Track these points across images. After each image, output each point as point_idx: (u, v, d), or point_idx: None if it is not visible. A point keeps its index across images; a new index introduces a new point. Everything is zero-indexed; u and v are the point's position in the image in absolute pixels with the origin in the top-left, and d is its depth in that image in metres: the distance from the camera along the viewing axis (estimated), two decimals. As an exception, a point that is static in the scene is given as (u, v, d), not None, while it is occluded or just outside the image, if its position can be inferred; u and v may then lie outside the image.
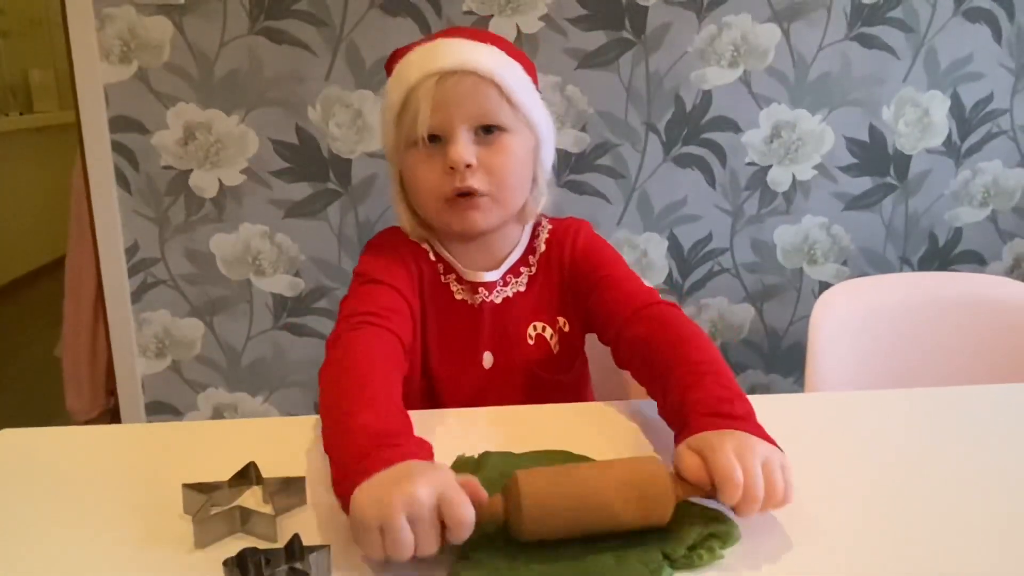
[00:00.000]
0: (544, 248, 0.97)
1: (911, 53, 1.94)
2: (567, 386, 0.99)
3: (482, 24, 1.83)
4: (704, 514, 0.61)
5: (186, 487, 0.65)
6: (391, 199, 0.96)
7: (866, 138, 1.99)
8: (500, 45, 0.90)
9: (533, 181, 0.94)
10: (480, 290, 0.93)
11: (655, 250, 2.02)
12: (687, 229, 2.01)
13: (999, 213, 2.08)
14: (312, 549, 0.57)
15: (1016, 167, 2.05)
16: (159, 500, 0.67)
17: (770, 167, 1.99)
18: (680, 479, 0.61)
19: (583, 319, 0.97)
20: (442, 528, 0.56)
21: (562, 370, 0.97)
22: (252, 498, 0.68)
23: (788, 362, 2.13)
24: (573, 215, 1.01)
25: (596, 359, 1.03)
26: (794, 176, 2.00)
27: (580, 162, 1.95)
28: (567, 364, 0.98)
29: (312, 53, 1.84)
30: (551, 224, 0.99)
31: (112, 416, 2.13)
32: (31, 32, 4.42)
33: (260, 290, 1.98)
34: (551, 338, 0.96)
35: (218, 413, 2.04)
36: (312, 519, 0.65)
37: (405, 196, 0.94)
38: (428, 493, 0.55)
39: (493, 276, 0.94)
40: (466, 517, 0.55)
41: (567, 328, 0.97)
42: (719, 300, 2.07)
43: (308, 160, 1.90)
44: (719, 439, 0.63)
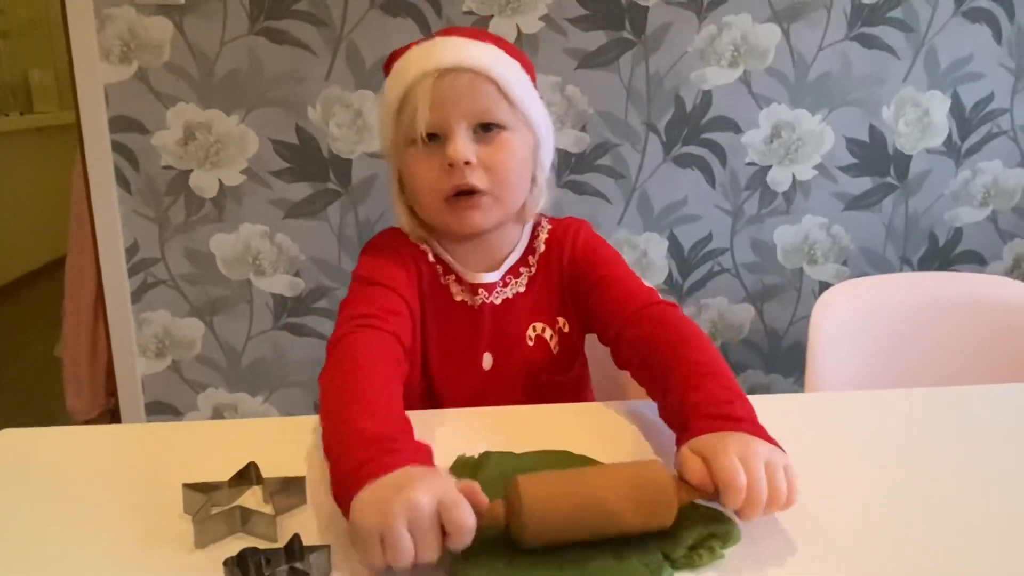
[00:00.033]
0: (544, 248, 0.96)
1: (911, 53, 1.94)
2: (567, 387, 0.98)
3: (482, 24, 1.83)
4: (704, 514, 0.61)
5: (186, 487, 0.65)
6: (392, 201, 0.96)
7: (866, 138, 1.99)
8: (499, 44, 0.90)
9: (532, 181, 0.93)
10: (480, 291, 0.93)
11: (655, 250, 2.02)
12: (687, 229, 2.01)
13: (999, 213, 2.08)
14: (312, 549, 0.57)
15: (1016, 167, 2.05)
16: (159, 500, 0.67)
17: (770, 167, 1.99)
18: (683, 482, 0.61)
19: (583, 319, 0.96)
20: (442, 535, 0.55)
21: (562, 371, 0.97)
22: (252, 498, 0.68)
23: (788, 362, 2.13)
24: (573, 215, 1.01)
25: (596, 359, 1.03)
26: (794, 176, 2.00)
27: (580, 162, 1.95)
28: (567, 365, 0.98)
29: (312, 53, 1.84)
30: (551, 224, 0.99)
31: (112, 416, 2.13)
32: (31, 32, 4.42)
33: (260, 290, 1.98)
34: (551, 339, 0.96)
35: (218, 413, 2.04)
36: (312, 519, 0.65)
37: (404, 196, 0.93)
38: (428, 500, 0.54)
39: (493, 277, 0.94)
40: (467, 523, 0.55)
41: (567, 329, 0.96)
42: (719, 300, 2.07)
43: (308, 160, 1.90)
44: (722, 442, 0.63)
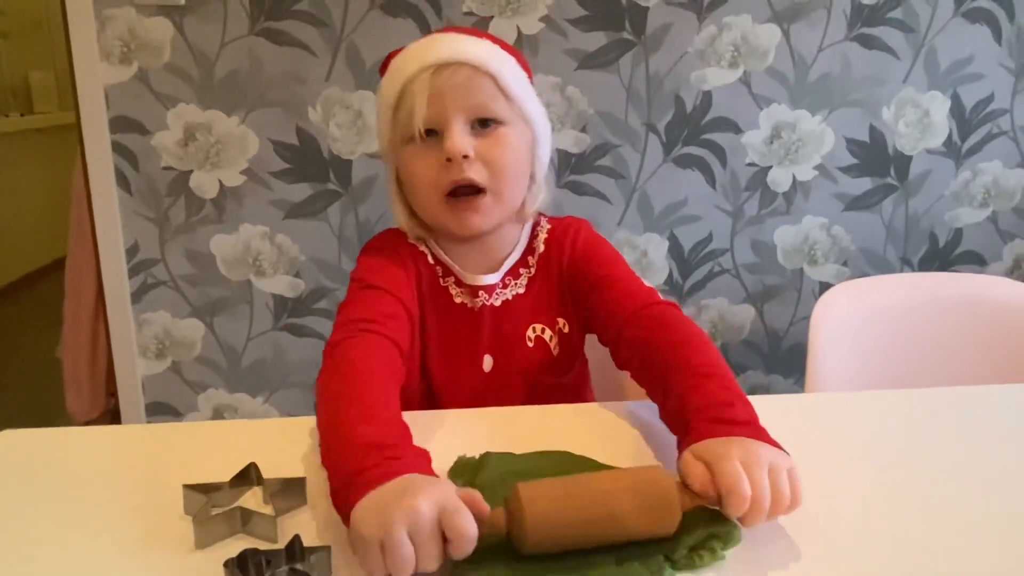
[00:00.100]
0: (543, 248, 0.96)
1: (911, 54, 1.94)
2: (567, 388, 0.98)
3: (482, 25, 1.83)
4: (705, 515, 0.61)
5: (187, 488, 0.65)
6: (387, 199, 0.96)
7: (866, 139, 1.99)
8: (495, 42, 0.90)
9: (531, 179, 0.93)
10: (480, 293, 0.93)
11: (655, 251, 2.02)
12: (687, 230, 2.01)
13: (999, 214, 2.08)
14: (313, 550, 0.57)
15: (1016, 168, 2.05)
16: (160, 501, 0.67)
17: (770, 168, 1.99)
18: (686, 489, 0.61)
19: (582, 320, 0.96)
20: (443, 543, 0.55)
21: (562, 371, 0.97)
22: (253, 499, 0.68)
23: (788, 363, 2.13)
24: (573, 215, 1.01)
25: (596, 360, 1.03)
26: (794, 177, 2.00)
27: (580, 163, 1.95)
28: (567, 365, 0.98)
29: (312, 54, 1.84)
30: (550, 224, 0.98)
31: (112, 417, 2.13)
32: (31, 33, 4.42)
33: (260, 291, 1.98)
34: (550, 339, 0.95)
35: (218, 414, 2.04)
36: (313, 520, 0.64)
37: (402, 195, 0.93)
38: (429, 507, 0.54)
39: (492, 279, 0.93)
40: (469, 531, 0.54)
41: (566, 329, 0.96)
42: (719, 301, 2.07)
43: (308, 161, 1.90)
44: (724, 447, 0.62)
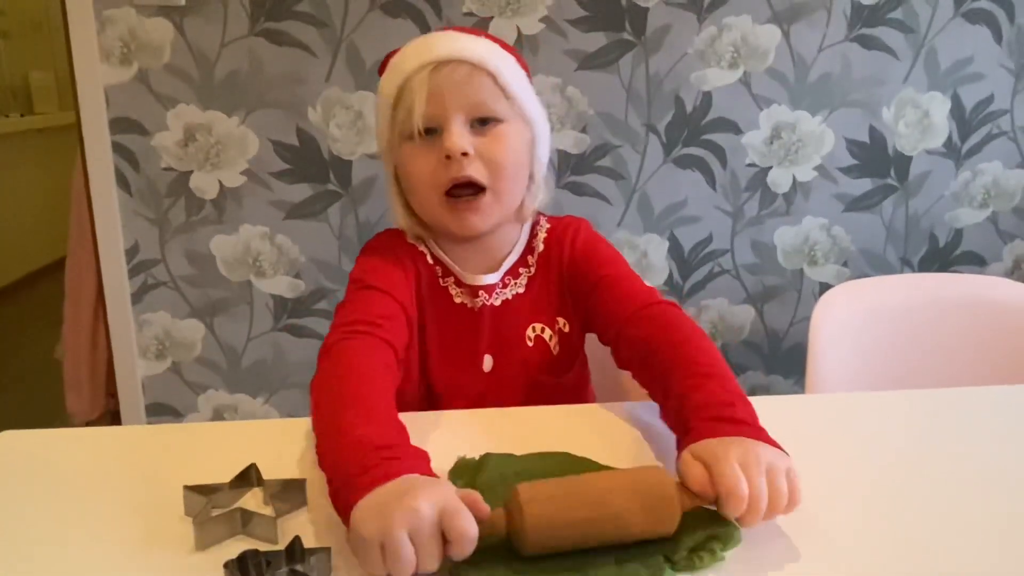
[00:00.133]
0: (542, 248, 0.96)
1: (911, 54, 1.94)
2: (567, 387, 0.98)
3: (482, 25, 1.83)
4: (705, 516, 0.61)
5: (187, 489, 0.65)
6: (386, 198, 0.95)
7: (866, 139, 1.99)
8: (494, 40, 0.90)
9: (530, 178, 0.93)
10: (480, 293, 0.93)
11: (655, 251, 2.02)
12: (687, 230, 2.01)
13: (999, 214, 2.08)
14: (313, 551, 0.57)
15: (1016, 168, 2.05)
16: (160, 502, 0.67)
17: (770, 168, 1.99)
18: (685, 489, 0.61)
19: (583, 319, 0.96)
20: (443, 544, 0.55)
21: (562, 371, 0.97)
22: (253, 500, 0.68)
23: (789, 363, 2.13)
24: (573, 215, 1.01)
25: (596, 360, 1.03)
26: (794, 177, 2.00)
27: (580, 163, 1.95)
28: (567, 365, 0.97)
29: (312, 54, 1.84)
30: (549, 223, 0.98)
31: (112, 418, 2.13)
32: (32, 34, 4.42)
33: (260, 291, 1.98)
34: (550, 339, 0.95)
35: (218, 415, 2.04)
36: (313, 521, 0.64)
37: (401, 194, 0.93)
38: (430, 508, 0.54)
39: (492, 279, 0.93)
40: (469, 531, 0.54)
41: (567, 329, 0.96)
42: (719, 301, 2.07)
43: (308, 161, 1.90)
44: (723, 448, 0.62)
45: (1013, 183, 2.06)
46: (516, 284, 0.95)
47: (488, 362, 0.94)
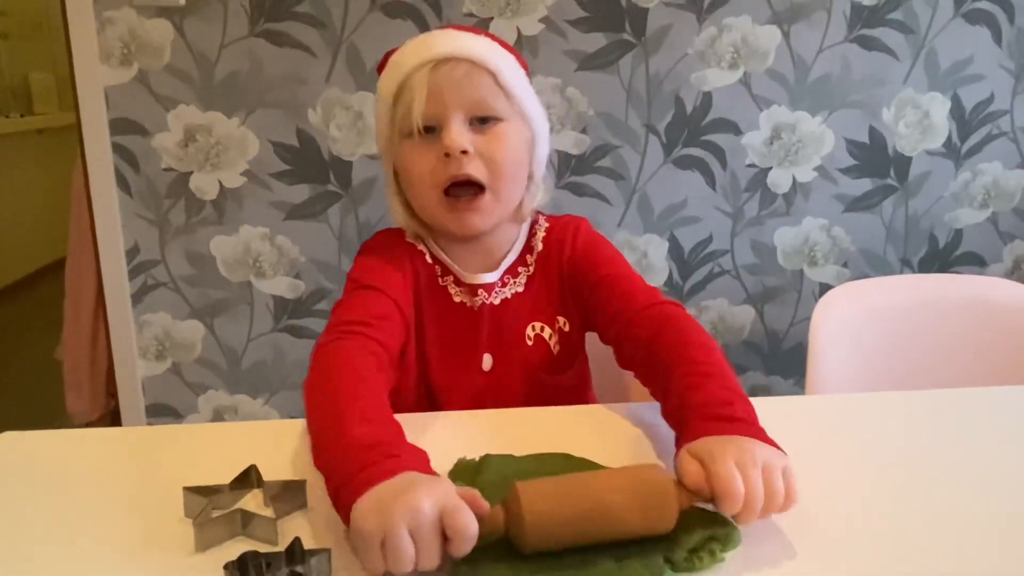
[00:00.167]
0: (541, 247, 0.96)
1: (911, 55, 1.94)
2: (567, 387, 0.98)
3: (482, 26, 1.83)
4: (705, 517, 0.61)
5: (187, 490, 0.65)
6: (385, 197, 0.95)
7: (866, 140, 1.99)
8: (494, 39, 0.90)
9: (529, 178, 0.93)
10: (479, 292, 0.93)
11: (655, 252, 2.02)
12: (687, 231, 2.01)
13: (999, 215, 2.08)
14: (313, 552, 0.57)
15: (1016, 168, 2.05)
16: (160, 503, 0.67)
17: (770, 169, 1.99)
18: (682, 487, 0.61)
19: (583, 318, 0.96)
20: (443, 541, 0.55)
21: (562, 370, 0.97)
22: (253, 501, 0.68)
23: (789, 364, 2.13)
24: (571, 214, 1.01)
25: (597, 360, 1.03)
26: (794, 178, 2.00)
27: (580, 164, 1.95)
28: (567, 364, 0.97)
29: (312, 55, 1.84)
30: (548, 222, 0.98)
31: (112, 418, 2.13)
32: (32, 34, 4.42)
33: (260, 292, 1.98)
34: (550, 338, 0.95)
35: (218, 415, 2.04)
36: (313, 522, 0.64)
37: (400, 193, 0.93)
38: (430, 505, 0.54)
39: (492, 278, 0.93)
40: (469, 528, 0.54)
41: (567, 328, 0.96)
42: (719, 302, 2.07)
43: (308, 162, 1.90)
44: (720, 446, 0.62)
45: (1013, 183, 2.06)
46: (515, 283, 0.95)
47: (488, 361, 0.94)
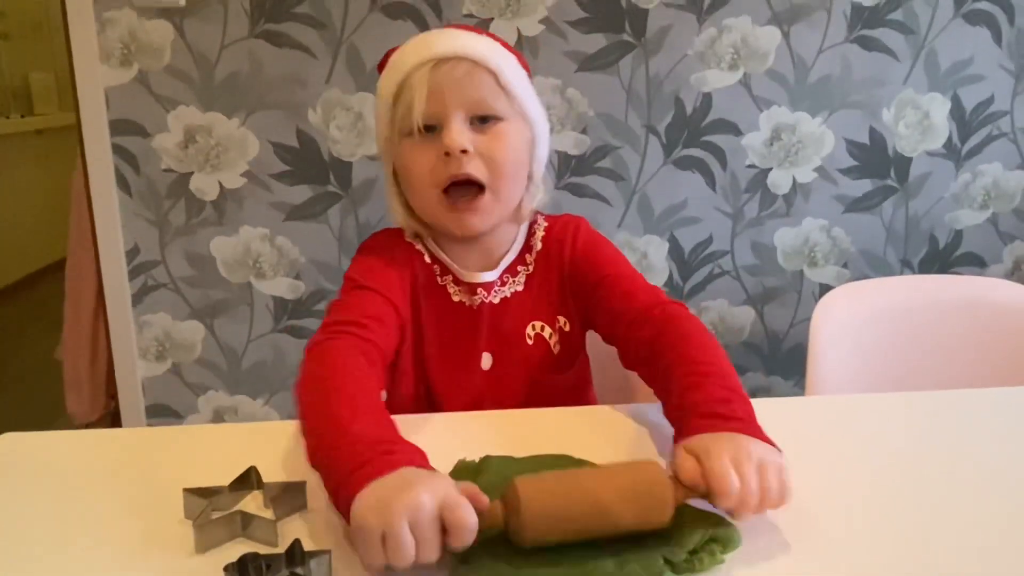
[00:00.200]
0: (541, 246, 0.96)
1: (911, 55, 1.94)
2: (568, 386, 0.98)
3: (482, 27, 1.83)
4: (705, 518, 0.61)
5: (187, 492, 0.65)
6: (385, 196, 0.95)
7: (866, 140, 1.99)
8: (495, 39, 0.90)
9: (528, 178, 0.93)
10: (479, 291, 0.93)
11: (656, 252, 2.02)
12: (687, 231, 2.01)
13: (999, 215, 2.08)
14: (313, 554, 0.57)
15: (1016, 169, 2.05)
16: (159, 505, 0.67)
17: (770, 169, 1.99)
18: (677, 482, 0.62)
19: (584, 318, 0.96)
20: (443, 536, 0.55)
21: (562, 369, 0.97)
22: (253, 503, 0.68)
23: (789, 364, 2.13)
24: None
25: (598, 360, 1.03)
26: (794, 178, 2.00)
27: (580, 164, 1.95)
28: (567, 364, 0.98)
29: (312, 56, 1.84)
30: (547, 222, 0.98)
31: (113, 419, 2.13)
32: (32, 35, 4.42)
33: (260, 293, 1.98)
34: (550, 337, 0.95)
35: (219, 416, 2.04)
36: (313, 524, 0.65)
37: (400, 192, 0.93)
38: (430, 499, 0.55)
39: (491, 276, 0.94)
40: (469, 521, 0.55)
41: (567, 328, 0.96)
42: (720, 302, 2.07)
43: (308, 163, 1.91)
44: (715, 442, 0.63)
45: (1013, 184, 2.06)
46: (515, 282, 0.95)
47: (487, 360, 0.94)
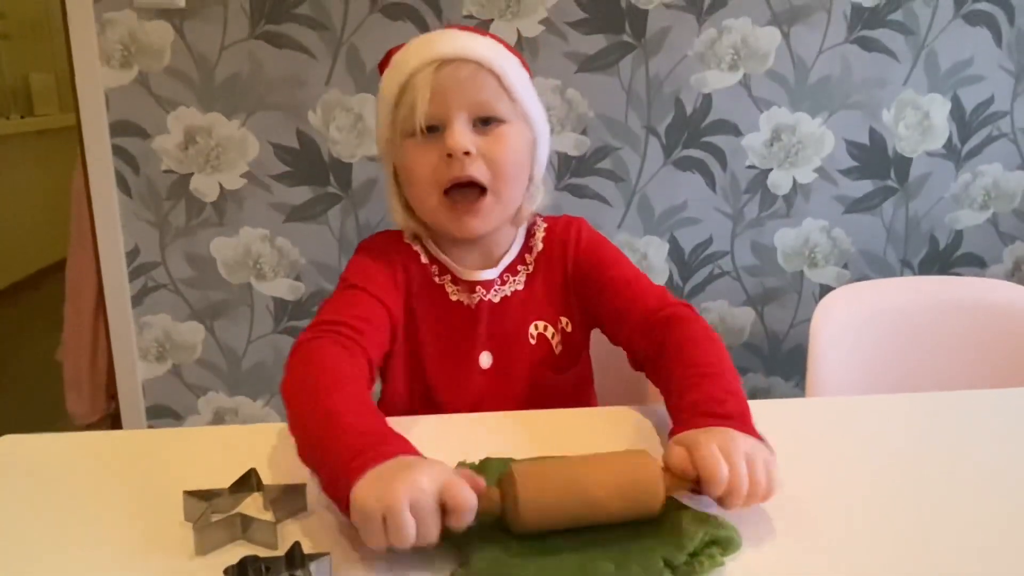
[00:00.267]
0: (542, 246, 0.96)
1: (911, 56, 1.94)
2: (568, 386, 0.98)
3: (483, 28, 1.83)
4: (704, 520, 0.61)
5: (187, 494, 0.66)
6: (385, 196, 0.95)
7: (866, 141, 1.99)
8: (498, 41, 0.90)
9: (529, 180, 0.93)
10: (478, 289, 0.93)
11: (656, 253, 2.02)
12: (688, 232, 2.01)
13: (999, 216, 2.08)
14: (313, 557, 0.57)
15: (1016, 170, 2.05)
16: (160, 507, 0.67)
17: (770, 170, 1.99)
18: (667, 471, 0.63)
19: (587, 319, 0.97)
20: (442, 518, 0.57)
21: (563, 370, 0.97)
22: (253, 505, 0.68)
23: (789, 365, 2.13)
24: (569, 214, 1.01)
25: (600, 360, 1.03)
26: (794, 179, 2.00)
27: (580, 165, 1.95)
28: (569, 364, 0.98)
29: (312, 57, 1.84)
30: (546, 222, 0.98)
31: (113, 420, 2.13)
32: (32, 35, 4.42)
33: (261, 294, 1.98)
34: (553, 337, 0.96)
35: (219, 417, 2.04)
36: (313, 526, 0.65)
37: (400, 192, 0.93)
38: (430, 481, 0.56)
39: (490, 275, 0.94)
40: (469, 501, 0.56)
41: (569, 328, 0.96)
42: (720, 303, 2.07)
43: (309, 164, 1.91)
44: (705, 435, 0.65)
45: (1013, 185, 2.06)
46: (515, 281, 0.95)
47: (486, 359, 0.94)
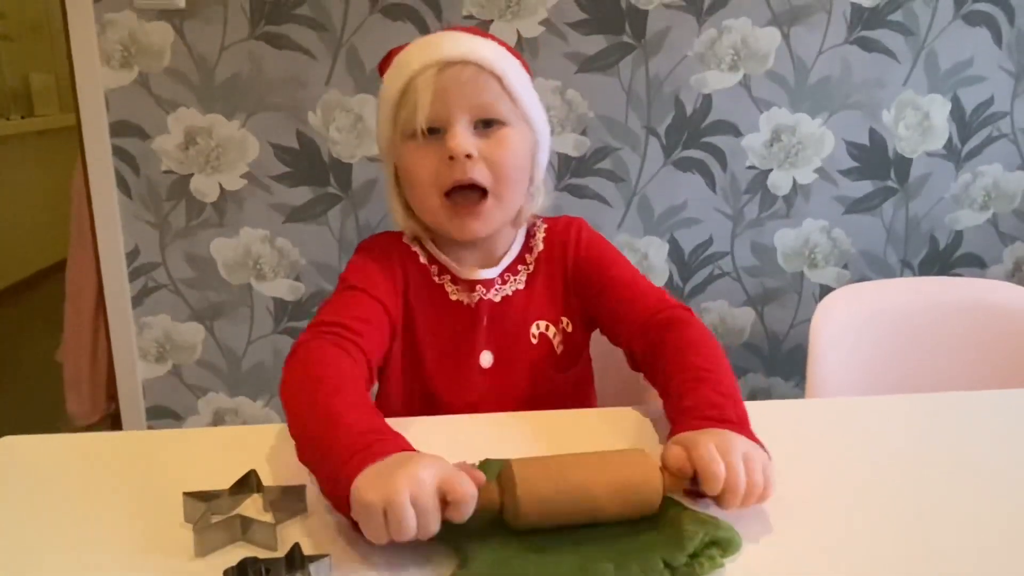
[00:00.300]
0: (542, 247, 0.97)
1: (911, 56, 1.94)
2: (569, 386, 0.98)
3: (482, 28, 1.83)
4: (704, 522, 0.61)
5: (187, 495, 0.66)
6: (386, 198, 0.95)
7: (866, 141, 1.99)
8: (500, 43, 0.90)
9: (530, 182, 0.93)
10: (478, 288, 0.93)
11: (656, 254, 2.02)
12: (688, 233, 2.01)
13: (1000, 216, 2.08)
14: (312, 558, 0.57)
15: (1017, 170, 2.05)
16: (159, 508, 0.67)
17: (770, 171, 1.99)
18: (664, 470, 0.64)
19: (588, 319, 0.97)
20: (443, 511, 0.57)
21: (564, 369, 0.97)
22: (252, 506, 0.68)
23: (789, 366, 2.13)
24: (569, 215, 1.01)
25: (601, 360, 1.03)
26: (794, 180, 2.00)
27: (580, 166, 1.95)
28: (569, 364, 0.98)
29: (312, 58, 1.84)
30: (546, 223, 0.99)
31: (113, 420, 2.13)
32: (32, 36, 4.42)
33: (261, 294, 1.98)
34: (554, 337, 0.96)
35: (219, 417, 2.04)
36: (312, 528, 0.65)
37: (401, 193, 0.93)
38: (430, 475, 0.57)
39: (490, 274, 0.94)
40: (469, 493, 0.57)
41: (570, 328, 0.96)
42: (720, 304, 2.07)
43: (309, 164, 1.91)
44: (703, 436, 0.65)
45: (1013, 185, 2.06)
46: (515, 280, 0.95)
47: (487, 358, 0.94)
